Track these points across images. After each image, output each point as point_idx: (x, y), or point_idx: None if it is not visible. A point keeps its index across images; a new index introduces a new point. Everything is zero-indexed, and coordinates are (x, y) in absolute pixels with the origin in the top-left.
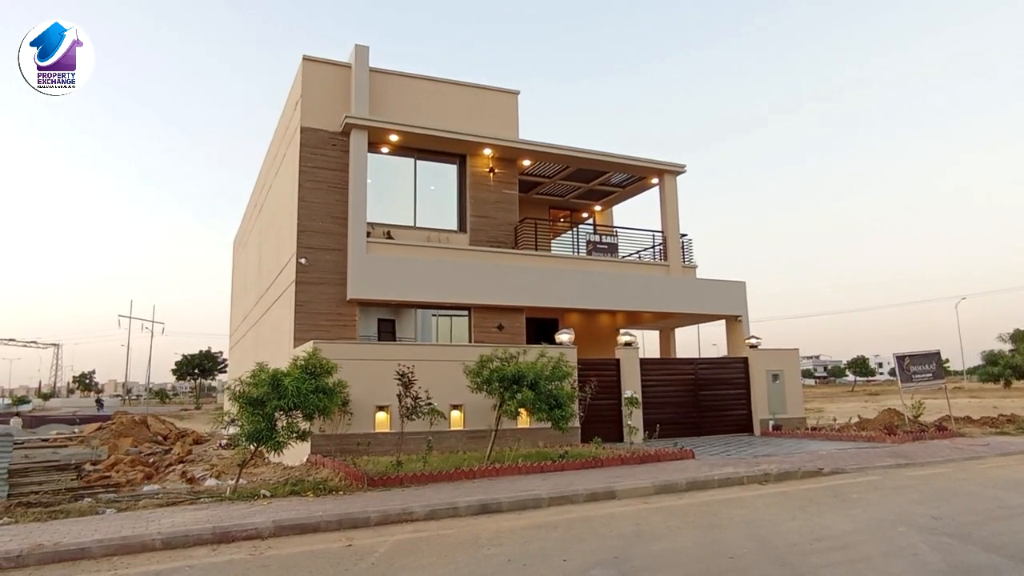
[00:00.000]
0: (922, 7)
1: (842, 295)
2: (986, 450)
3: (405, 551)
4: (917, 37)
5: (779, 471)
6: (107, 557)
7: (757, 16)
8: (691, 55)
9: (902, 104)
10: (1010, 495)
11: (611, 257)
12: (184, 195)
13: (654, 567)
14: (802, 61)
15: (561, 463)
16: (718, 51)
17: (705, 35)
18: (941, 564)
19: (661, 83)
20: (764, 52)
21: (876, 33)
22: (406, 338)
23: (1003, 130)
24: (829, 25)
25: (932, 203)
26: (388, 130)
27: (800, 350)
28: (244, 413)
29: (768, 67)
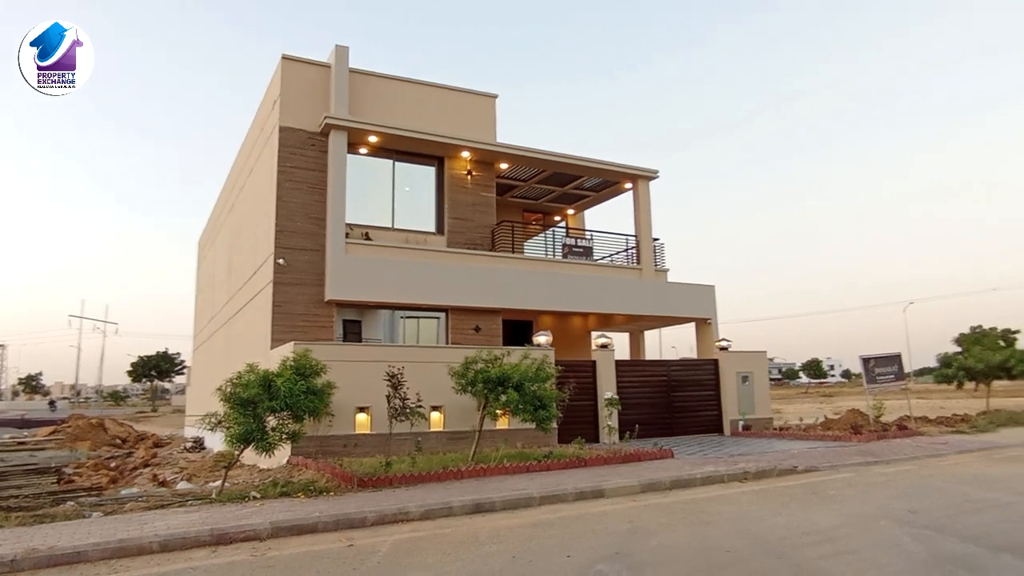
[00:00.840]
0: (883, 16)
1: (796, 298)
2: (945, 448)
3: (408, 550)
4: (878, 45)
5: (757, 469)
6: (104, 560)
7: (723, 24)
8: (662, 62)
9: (859, 111)
10: (975, 490)
11: (586, 260)
12: (138, 195)
13: (657, 562)
14: (768, 67)
15: (546, 463)
16: (688, 58)
17: (674, 44)
18: (924, 554)
19: (632, 89)
20: (732, 58)
21: (837, 40)
22: (373, 339)
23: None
24: (794, 32)
25: (883, 210)
26: (367, 131)
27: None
28: (235, 414)
29: (735, 73)
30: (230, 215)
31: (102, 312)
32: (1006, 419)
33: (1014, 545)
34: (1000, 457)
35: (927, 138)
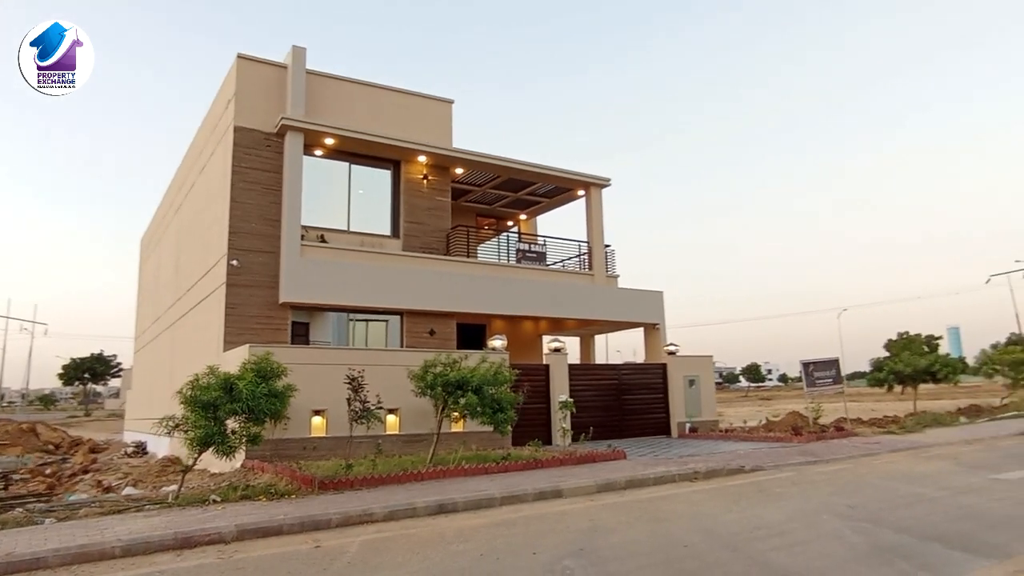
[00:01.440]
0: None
1: (738, 304)
2: (878, 447)
3: (376, 550)
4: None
5: (706, 469)
6: (65, 566)
7: (669, 37)
8: (613, 73)
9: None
10: (906, 486)
11: (539, 265)
12: (72, 195)
13: (620, 557)
14: (714, 78)
15: (504, 465)
16: (637, 69)
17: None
18: (864, 544)
19: (583, 99)
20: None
21: (788, 47)
22: (321, 342)
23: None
24: (745, 42)
25: (819, 221)
26: (324, 133)
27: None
28: (195, 417)
29: (684, 82)
30: (177, 215)
31: (30, 312)
32: (931, 420)
33: (941, 535)
34: (927, 456)
35: (859, 151)
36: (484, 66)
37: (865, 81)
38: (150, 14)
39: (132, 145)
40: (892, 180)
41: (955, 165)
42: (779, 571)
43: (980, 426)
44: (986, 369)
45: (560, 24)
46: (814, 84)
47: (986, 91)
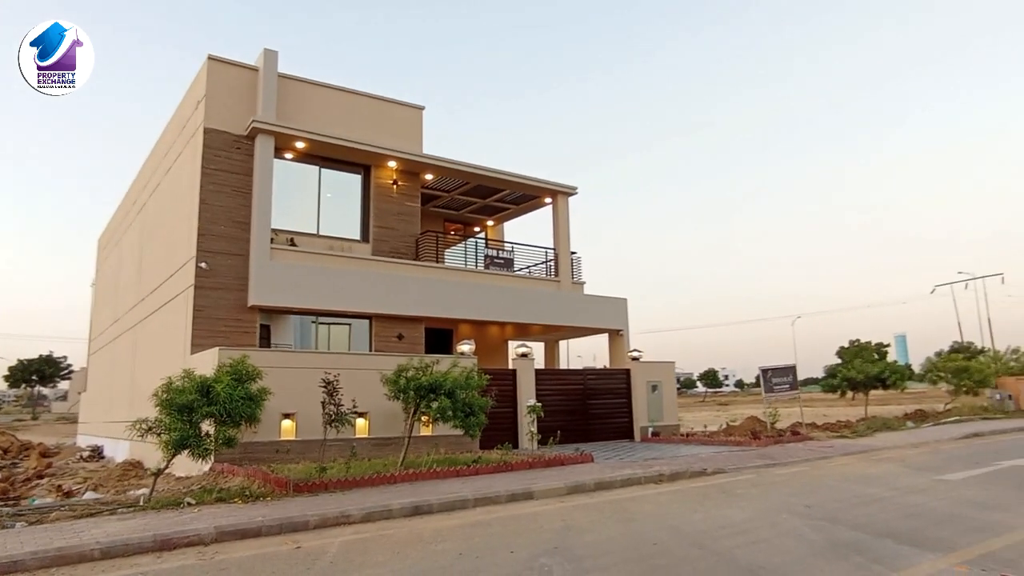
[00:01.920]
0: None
1: (695, 311)
2: (832, 451)
3: (356, 550)
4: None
5: (671, 472)
6: (44, 569)
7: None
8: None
9: (758, 139)
10: (859, 487)
11: (507, 271)
12: (19, 193)
13: (594, 554)
14: (682, 92)
15: (475, 468)
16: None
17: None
18: (821, 541)
19: (555, 109)
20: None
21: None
22: (283, 345)
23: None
24: (707, 56)
25: (774, 229)
26: (295, 136)
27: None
28: (172, 419)
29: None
30: (140, 215)
31: None
32: (881, 425)
33: (893, 532)
34: (878, 458)
35: (811, 165)
36: (456, 73)
37: (821, 97)
38: (115, 14)
39: (88, 145)
40: (844, 193)
41: (903, 179)
42: (745, 566)
43: (925, 430)
44: (931, 376)
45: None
46: (775, 98)
47: (930, 111)
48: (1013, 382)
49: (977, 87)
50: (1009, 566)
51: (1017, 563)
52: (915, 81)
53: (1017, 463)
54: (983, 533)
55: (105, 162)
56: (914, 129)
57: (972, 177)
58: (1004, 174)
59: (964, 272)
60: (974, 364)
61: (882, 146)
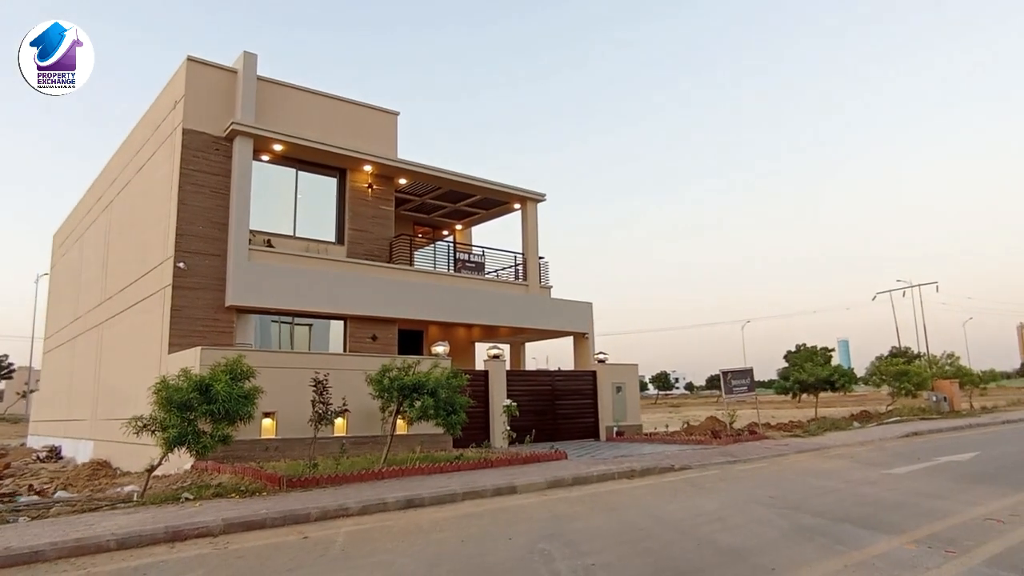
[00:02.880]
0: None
1: (649, 316)
2: (787, 449)
3: (362, 539)
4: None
5: (642, 468)
6: (64, 559)
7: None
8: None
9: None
10: (815, 480)
11: (478, 275)
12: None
13: (586, 540)
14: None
15: (457, 464)
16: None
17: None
18: (788, 526)
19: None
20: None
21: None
22: (243, 344)
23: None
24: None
25: (724, 237)
26: (273, 139)
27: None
28: (171, 417)
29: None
30: (107, 212)
31: None
32: (830, 425)
33: (850, 518)
34: (829, 455)
35: (765, 175)
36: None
37: (773, 112)
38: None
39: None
40: (795, 202)
41: (849, 192)
42: (725, 548)
43: (870, 430)
44: (875, 379)
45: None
46: (728, 111)
47: (875, 127)
48: (948, 385)
49: (919, 103)
50: (951, 544)
51: (958, 541)
52: (863, 97)
53: (953, 459)
54: (927, 518)
55: (60, 158)
56: (860, 145)
57: (913, 191)
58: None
59: (903, 280)
60: (913, 368)
61: (830, 160)
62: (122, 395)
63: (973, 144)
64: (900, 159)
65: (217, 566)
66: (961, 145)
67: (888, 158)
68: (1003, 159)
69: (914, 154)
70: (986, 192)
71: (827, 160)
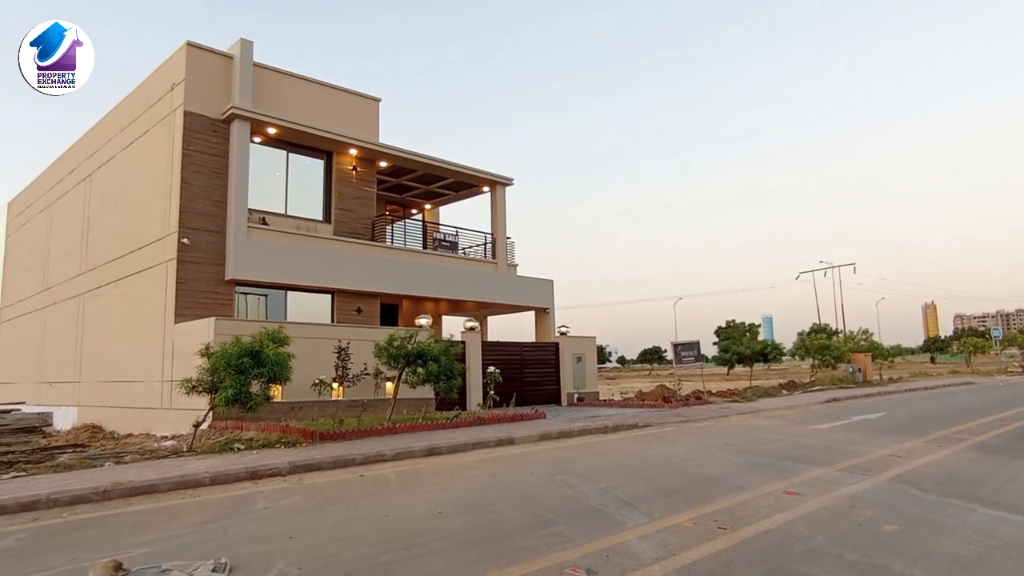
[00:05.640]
0: None
1: (581, 290)
2: (730, 411)
3: (411, 477)
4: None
5: (613, 424)
6: (174, 491)
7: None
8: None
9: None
10: (759, 433)
11: (452, 253)
12: None
13: (593, 472)
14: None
15: (456, 422)
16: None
17: None
18: (744, 462)
19: None
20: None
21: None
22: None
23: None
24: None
25: (663, 218)
26: (268, 123)
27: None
28: (229, 378)
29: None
30: (84, 184)
31: None
32: (763, 393)
33: (790, 457)
34: (765, 416)
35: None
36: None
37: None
38: None
39: None
40: (731, 185)
41: (776, 176)
42: (701, 476)
43: (797, 396)
44: (800, 352)
45: None
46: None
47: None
48: (862, 358)
49: (847, 92)
50: (865, 471)
51: (870, 469)
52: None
53: (866, 417)
54: (848, 457)
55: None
56: (796, 135)
57: (839, 179)
58: (865, 178)
59: (824, 261)
60: (833, 342)
61: (768, 148)
62: (119, 362)
63: (892, 139)
64: (830, 150)
65: (308, 494)
66: (881, 139)
67: (819, 149)
68: (917, 153)
69: (841, 146)
70: (903, 181)
71: (765, 148)
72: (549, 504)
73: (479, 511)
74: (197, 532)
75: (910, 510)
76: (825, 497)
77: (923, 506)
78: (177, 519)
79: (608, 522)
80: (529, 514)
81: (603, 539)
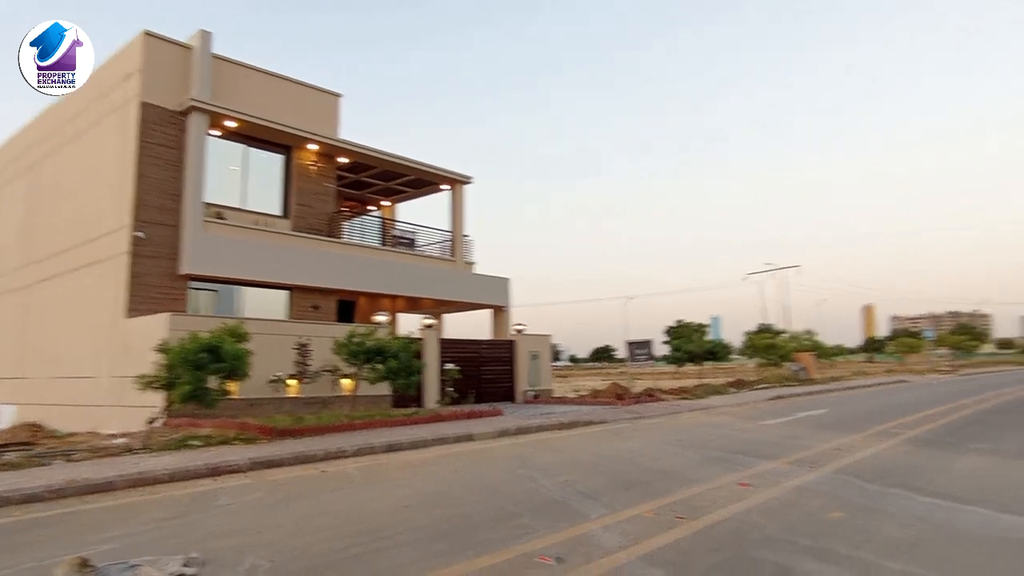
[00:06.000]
0: None
1: (534, 289)
2: (681, 408)
3: (373, 472)
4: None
5: (568, 421)
6: (132, 488)
7: None
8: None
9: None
10: (710, 429)
11: (410, 250)
12: None
13: (553, 467)
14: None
15: (414, 418)
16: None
17: None
18: (698, 457)
19: None
20: None
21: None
22: (195, 311)
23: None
24: None
25: (615, 218)
26: (226, 116)
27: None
28: (186, 374)
29: None
30: (27, 175)
31: None
32: (712, 391)
33: (741, 451)
34: (715, 413)
35: (656, 167)
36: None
37: (669, 103)
38: None
39: None
40: (679, 188)
41: (724, 179)
42: (657, 470)
43: (745, 394)
44: (748, 352)
45: None
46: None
47: (756, 120)
48: (806, 356)
49: (800, 101)
50: (812, 463)
51: (816, 461)
52: (748, 95)
53: (810, 414)
54: (795, 451)
55: None
56: (745, 141)
57: (784, 185)
58: (809, 184)
59: (770, 263)
60: (779, 342)
61: (718, 152)
62: (65, 357)
63: (840, 146)
64: (778, 156)
65: (270, 490)
66: (829, 147)
67: (768, 154)
68: (864, 160)
69: (790, 151)
70: (847, 186)
71: (715, 152)
72: (513, 498)
73: (444, 505)
74: (161, 528)
75: (854, 499)
76: (776, 488)
77: (865, 495)
78: (138, 516)
79: (572, 514)
80: (494, 507)
81: (568, 530)
